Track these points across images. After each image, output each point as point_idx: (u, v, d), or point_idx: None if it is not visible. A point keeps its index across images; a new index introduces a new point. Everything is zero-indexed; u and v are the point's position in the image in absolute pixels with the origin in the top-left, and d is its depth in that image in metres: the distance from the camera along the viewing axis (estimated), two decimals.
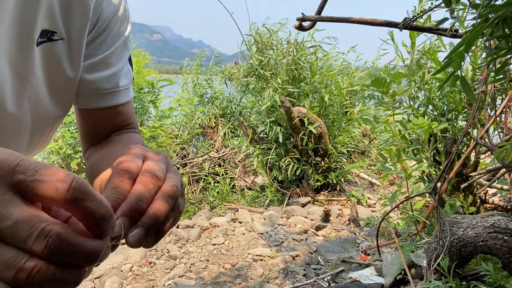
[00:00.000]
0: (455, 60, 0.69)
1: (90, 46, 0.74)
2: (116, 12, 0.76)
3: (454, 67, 0.70)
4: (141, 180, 0.48)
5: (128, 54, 0.83)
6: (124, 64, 0.81)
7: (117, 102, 0.80)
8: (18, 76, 0.64)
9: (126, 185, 0.48)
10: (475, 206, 2.63)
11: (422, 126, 2.24)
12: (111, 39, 0.77)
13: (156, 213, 0.47)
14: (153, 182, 0.49)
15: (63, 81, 0.71)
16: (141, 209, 0.46)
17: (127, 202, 0.46)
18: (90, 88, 0.76)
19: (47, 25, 0.65)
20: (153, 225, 0.46)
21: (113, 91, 0.78)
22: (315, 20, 1.54)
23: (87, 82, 0.75)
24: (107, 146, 0.82)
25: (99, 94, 0.77)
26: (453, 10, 0.79)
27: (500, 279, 1.64)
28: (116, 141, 0.82)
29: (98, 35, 0.75)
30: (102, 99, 0.78)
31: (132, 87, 0.85)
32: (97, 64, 0.75)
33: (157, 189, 0.49)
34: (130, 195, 0.47)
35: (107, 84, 0.77)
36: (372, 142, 5.11)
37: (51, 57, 0.68)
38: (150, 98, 4.20)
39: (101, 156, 0.79)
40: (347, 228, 3.45)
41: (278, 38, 4.66)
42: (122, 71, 0.80)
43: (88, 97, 0.77)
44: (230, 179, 4.71)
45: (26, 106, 0.67)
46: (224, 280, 2.60)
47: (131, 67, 0.85)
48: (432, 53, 2.60)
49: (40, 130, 0.72)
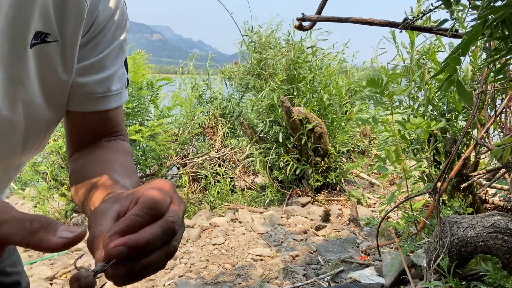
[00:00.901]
0: (450, 64, 0.69)
1: (84, 48, 0.73)
2: (112, 15, 0.75)
3: (449, 72, 0.70)
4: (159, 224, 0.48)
5: (124, 58, 0.82)
6: (119, 67, 0.79)
7: (108, 106, 0.78)
8: (11, 78, 0.63)
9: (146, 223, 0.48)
10: (475, 206, 2.63)
11: (421, 125, 2.24)
12: (106, 42, 0.75)
13: (136, 237, 0.45)
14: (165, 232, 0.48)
15: (56, 84, 0.70)
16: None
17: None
18: (82, 92, 0.74)
19: (41, 27, 0.64)
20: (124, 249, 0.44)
21: (104, 95, 0.77)
22: (315, 20, 1.54)
23: (79, 85, 0.74)
24: (97, 151, 0.79)
25: (90, 98, 0.76)
26: (453, 11, 0.79)
27: (500, 279, 1.64)
28: (106, 147, 0.81)
29: (92, 38, 0.74)
30: (93, 103, 0.76)
31: (126, 91, 0.84)
32: (91, 66, 0.74)
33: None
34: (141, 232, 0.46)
35: (99, 88, 0.76)
36: (372, 142, 5.11)
37: (45, 59, 0.67)
38: (150, 97, 4.19)
39: (90, 161, 0.77)
40: (347, 228, 3.45)
41: (276, 37, 4.66)
42: (116, 74, 0.78)
43: (78, 100, 0.75)
44: (230, 179, 4.71)
45: (19, 109, 0.66)
46: (224, 280, 2.60)
47: (126, 71, 0.83)
48: (432, 54, 2.60)
49: (34, 134, 0.71)
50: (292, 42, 4.47)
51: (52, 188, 3.77)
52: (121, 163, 0.76)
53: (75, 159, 0.82)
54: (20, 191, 4.07)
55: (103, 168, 0.72)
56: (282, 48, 4.53)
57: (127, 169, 0.75)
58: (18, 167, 0.80)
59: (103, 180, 0.68)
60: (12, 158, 0.71)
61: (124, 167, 0.74)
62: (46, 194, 3.74)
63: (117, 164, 0.74)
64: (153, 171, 4.46)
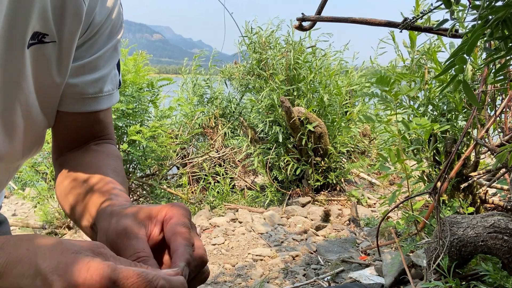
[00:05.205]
0: (457, 64, 0.69)
1: (79, 49, 0.72)
2: (109, 16, 0.74)
3: (456, 72, 0.70)
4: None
5: (118, 59, 0.81)
6: (111, 68, 0.78)
7: (99, 107, 0.77)
8: (9, 78, 0.63)
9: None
10: (475, 206, 2.64)
11: (425, 126, 2.23)
12: (101, 43, 0.75)
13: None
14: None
15: (50, 86, 0.69)
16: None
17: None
18: (73, 92, 0.73)
19: (39, 27, 0.64)
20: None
21: (96, 96, 0.76)
22: (315, 20, 1.54)
23: (71, 85, 0.73)
24: (86, 155, 0.78)
25: (81, 98, 0.75)
26: (453, 11, 0.79)
27: (500, 279, 1.64)
28: (96, 151, 0.80)
29: (88, 39, 0.73)
30: (84, 104, 0.75)
31: (117, 92, 0.83)
32: (84, 67, 0.73)
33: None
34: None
35: (91, 88, 0.75)
36: (372, 142, 5.11)
37: (41, 60, 0.66)
38: (150, 97, 4.19)
39: (80, 165, 0.75)
40: (347, 228, 3.45)
41: (276, 38, 4.66)
42: (109, 75, 0.77)
43: (69, 100, 0.74)
44: (230, 179, 4.71)
45: (18, 110, 0.65)
46: (224, 280, 2.60)
47: (119, 72, 0.82)
48: (432, 54, 2.60)
49: (33, 135, 0.71)
50: (292, 43, 4.47)
51: (52, 188, 3.77)
52: (112, 168, 0.75)
53: (62, 162, 0.80)
54: (20, 191, 4.07)
55: (95, 173, 0.71)
56: (282, 48, 4.53)
57: (118, 175, 0.74)
58: (17, 168, 0.80)
59: (98, 186, 0.68)
60: (13, 160, 0.71)
61: (116, 173, 0.74)
62: (46, 194, 3.74)
63: (109, 169, 0.74)
64: (153, 171, 4.47)
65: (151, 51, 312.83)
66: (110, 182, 0.69)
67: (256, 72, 4.60)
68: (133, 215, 0.57)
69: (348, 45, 4.83)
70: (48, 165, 3.76)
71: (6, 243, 0.45)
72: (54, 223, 3.83)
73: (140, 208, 0.58)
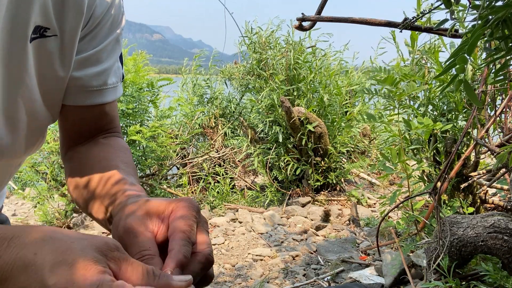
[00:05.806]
0: (458, 64, 0.69)
1: (80, 42, 0.72)
2: (109, 8, 0.74)
3: (458, 71, 0.70)
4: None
5: (120, 51, 0.80)
6: (114, 61, 0.78)
7: (104, 100, 0.77)
8: (12, 73, 0.63)
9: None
10: (475, 206, 2.63)
11: (428, 126, 2.23)
12: (103, 36, 0.74)
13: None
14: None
15: (54, 80, 0.69)
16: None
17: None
18: (77, 85, 0.73)
19: (41, 21, 0.63)
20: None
21: (101, 88, 0.75)
22: (315, 20, 1.54)
23: (75, 79, 0.72)
24: (95, 148, 0.78)
25: (86, 91, 0.74)
26: (453, 11, 0.79)
27: (500, 279, 1.64)
28: (105, 144, 0.79)
29: (89, 32, 0.73)
30: (89, 97, 0.75)
31: (121, 85, 0.83)
32: (86, 60, 0.73)
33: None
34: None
35: (95, 81, 0.74)
36: (372, 142, 5.11)
37: (43, 54, 0.66)
38: (150, 97, 4.19)
39: (91, 159, 0.75)
40: (347, 228, 3.45)
41: (276, 38, 4.66)
42: (112, 68, 0.77)
43: (74, 94, 0.74)
44: (230, 179, 4.71)
45: (21, 105, 0.65)
46: (224, 280, 2.60)
47: (122, 65, 0.82)
48: (434, 53, 2.60)
49: (36, 131, 0.71)
50: (292, 43, 4.47)
51: (52, 188, 3.77)
52: (122, 160, 0.75)
53: (70, 156, 0.80)
54: (20, 191, 4.07)
55: (106, 165, 0.71)
56: (282, 48, 4.53)
57: (129, 166, 0.75)
58: (19, 165, 0.80)
59: (111, 178, 0.68)
60: (16, 156, 0.71)
61: (127, 164, 0.74)
62: (46, 194, 3.74)
63: (120, 161, 0.74)
64: (153, 171, 4.46)
65: (151, 51, 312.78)
66: (123, 173, 0.70)
67: (256, 72, 4.60)
68: (141, 211, 0.57)
69: (348, 45, 4.84)
70: (48, 165, 3.76)
71: (15, 238, 0.45)
72: (54, 223, 3.83)
73: (149, 203, 0.58)
